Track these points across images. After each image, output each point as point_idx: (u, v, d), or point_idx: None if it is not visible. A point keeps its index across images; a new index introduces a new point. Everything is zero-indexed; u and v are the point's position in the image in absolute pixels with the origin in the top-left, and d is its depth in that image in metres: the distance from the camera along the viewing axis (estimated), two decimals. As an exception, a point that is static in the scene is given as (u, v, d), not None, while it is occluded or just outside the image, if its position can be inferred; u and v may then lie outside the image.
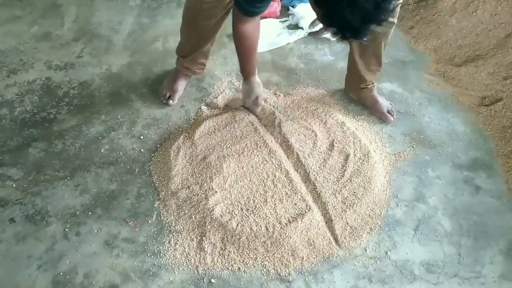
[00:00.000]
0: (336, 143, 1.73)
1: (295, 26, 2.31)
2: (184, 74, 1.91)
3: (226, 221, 1.49)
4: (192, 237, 1.49)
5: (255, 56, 1.65)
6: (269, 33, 2.21)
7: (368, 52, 1.71)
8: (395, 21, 1.58)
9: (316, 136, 1.75)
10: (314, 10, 1.08)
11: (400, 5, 1.53)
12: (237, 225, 1.49)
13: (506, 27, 2.26)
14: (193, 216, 1.52)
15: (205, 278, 1.41)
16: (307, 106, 1.88)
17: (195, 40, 1.77)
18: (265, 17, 2.29)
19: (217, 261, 1.44)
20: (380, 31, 1.57)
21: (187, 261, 1.44)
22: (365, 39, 1.03)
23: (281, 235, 1.47)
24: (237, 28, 1.51)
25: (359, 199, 1.59)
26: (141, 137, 1.78)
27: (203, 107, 1.88)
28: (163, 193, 1.60)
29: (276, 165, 1.65)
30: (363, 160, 1.69)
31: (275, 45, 2.20)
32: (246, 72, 1.71)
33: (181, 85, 1.92)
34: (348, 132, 1.77)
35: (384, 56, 1.77)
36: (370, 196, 1.61)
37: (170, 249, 1.46)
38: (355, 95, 1.94)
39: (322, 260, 1.47)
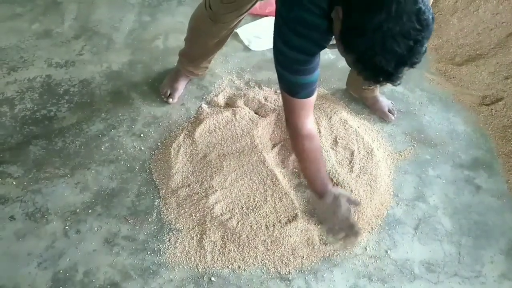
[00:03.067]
0: (339, 139, 1.73)
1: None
2: (185, 74, 1.91)
3: (226, 220, 1.49)
4: (192, 235, 1.49)
5: (323, 160, 1.43)
6: (271, 31, 2.20)
7: None
8: None
9: (320, 132, 1.74)
10: (344, 57, 1.04)
11: None
12: (237, 223, 1.49)
13: (507, 26, 2.26)
14: (193, 214, 1.52)
15: (205, 276, 1.41)
16: None
17: (200, 53, 1.78)
18: (267, 15, 2.28)
19: (217, 259, 1.44)
20: None
21: (187, 259, 1.44)
22: (399, 82, 1.01)
23: (281, 234, 1.47)
24: (297, 131, 1.31)
25: (367, 198, 1.59)
26: (142, 135, 1.78)
27: (204, 105, 1.88)
28: (163, 191, 1.59)
29: (277, 164, 1.65)
30: (367, 158, 1.68)
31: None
32: (317, 183, 1.40)
33: (182, 83, 1.92)
34: (350, 130, 1.77)
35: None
36: (377, 196, 1.60)
37: (170, 247, 1.46)
38: (357, 93, 1.94)
39: (322, 259, 1.47)
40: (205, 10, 1.53)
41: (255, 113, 1.82)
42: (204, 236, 1.48)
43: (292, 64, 1.18)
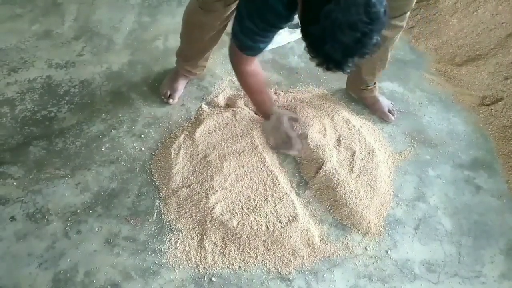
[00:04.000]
0: (342, 139, 1.73)
1: (296, 25, 2.29)
2: (184, 75, 1.91)
3: (227, 220, 1.49)
4: (192, 236, 1.49)
5: (266, 90, 1.58)
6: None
7: (374, 57, 1.69)
8: (404, 25, 1.57)
9: (325, 130, 1.74)
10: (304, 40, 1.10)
11: (409, 10, 1.52)
12: (238, 223, 1.49)
13: (507, 26, 2.26)
14: (193, 215, 1.52)
15: (205, 276, 1.41)
16: (311, 101, 1.89)
17: (195, 48, 1.78)
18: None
19: (218, 259, 1.44)
20: (388, 36, 1.56)
21: (187, 259, 1.44)
22: (348, 70, 1.06)
23: (281, 234, 1.47)
24: (240, 70, 1.46)
25: (367, 199, 1.59)
26: (142, 135, 1.78)
27: (204, 106, 1.88)
28: (163, 191, 1.60)
29: (278, 164, 1.65)
30: (368, 158, 1.68)
31: (276, 44, 2.19)
32: (263, 110, 1.64)
33: (182, 84, 1.92)
34: (353, 129, 1.77)
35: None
36: (377, 197, 1.61)
37: (171, 248, 1.46)
38: (356, 94, 1.94)
39: (322, 259, 1.47)
40: (195, 0, 1.53)
41: (255, 113, 1.82)
42: (204, 236, 1.48)
43: (248, 32, 1.26)
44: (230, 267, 1.43)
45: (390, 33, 1.56)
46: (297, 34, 2.25)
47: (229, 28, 1.62)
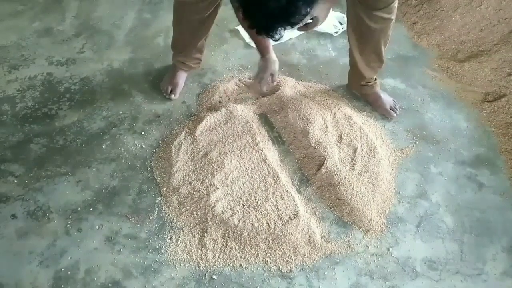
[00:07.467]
0: (344, 136, 1.72)
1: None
2: (180, 68, 1.90)
3: (228, 218, 1.49)
4: (193, 234, 1.48)
5: (265, 40, 1.71)
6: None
7: (367, 49, 1.69)
8: (392, 18, 1.55)
9: (327, 128, 1.74)
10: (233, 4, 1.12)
11: (395, 2, 1.50)
12: (239, 221, 1.48)
13: (510, 22, 2.24)
14: (194, 212, 1.52)
15: (206, 274, 1.41)
16: (315, 97, 1.88)
17: (186, 35, 1.76)
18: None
19: (219, 257, 1.44)
20: (376, 28, 1.55)
21: (188, 257, 1.44)
22: (277, 37, 1.08)
23: (282, 232, 1.47)
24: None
25: (369, 196, 1.58)
26: (143, 133, 1.77)
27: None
28: (164, 189, 1.59)
29: (279, 161, 1.65)
30: (370, 156, 1.68)
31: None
32: (260, 51, 1.81)
33: (181, 78, 1.92)
34: (355, 126, 1.76)
35: (387, 52, 1.76)
36: (379, 194, 1.60)
37: (172, 246, 1.46)
38: (358, 91, 1.93)
39: (323, 256, 1.47)
40: None
41: (256, 110, 1.81)
42: (205, 234, 1.47)
43: None
44: (231, 265, 1.43)
45: (377, 25, 1.55)
46: (298, 30, 2.23)
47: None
